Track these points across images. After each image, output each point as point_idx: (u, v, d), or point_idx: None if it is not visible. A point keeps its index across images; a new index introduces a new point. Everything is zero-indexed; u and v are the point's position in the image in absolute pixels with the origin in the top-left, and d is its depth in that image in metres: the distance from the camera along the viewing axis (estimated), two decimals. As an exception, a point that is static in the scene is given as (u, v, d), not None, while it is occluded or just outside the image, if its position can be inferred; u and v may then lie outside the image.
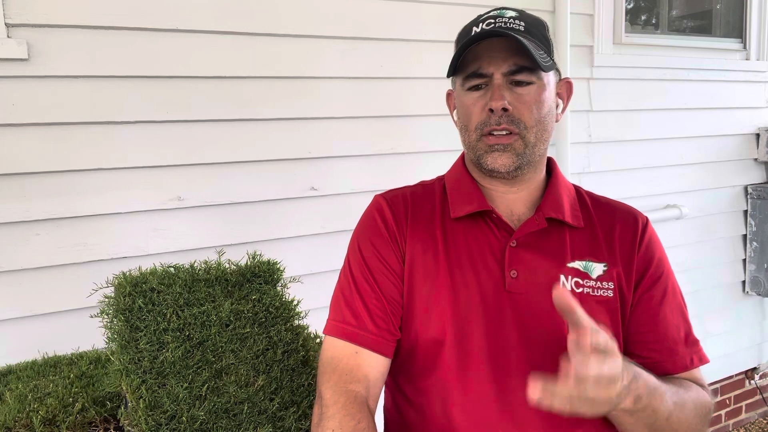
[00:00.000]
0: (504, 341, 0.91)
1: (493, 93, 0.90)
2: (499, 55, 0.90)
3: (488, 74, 0.91)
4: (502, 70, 0.90)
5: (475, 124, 0.93)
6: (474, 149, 0.95)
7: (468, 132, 0.96)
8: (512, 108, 0.90)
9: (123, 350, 0.95)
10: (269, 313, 1.10)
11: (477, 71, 0.92)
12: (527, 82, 0.91)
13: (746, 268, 2.84)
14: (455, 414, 0.90)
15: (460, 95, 0.96)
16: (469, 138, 0.96)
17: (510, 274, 0.92)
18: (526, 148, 0.92)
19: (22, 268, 1.45)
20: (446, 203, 1.00)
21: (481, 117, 0.92)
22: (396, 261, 0.96)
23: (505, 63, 0.90)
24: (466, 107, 0.95)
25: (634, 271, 0.96)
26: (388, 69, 1.89)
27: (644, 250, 0.97)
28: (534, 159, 0.95)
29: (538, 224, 0.95)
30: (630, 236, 0.98)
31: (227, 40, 1.65)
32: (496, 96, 0.90)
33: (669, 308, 0.96)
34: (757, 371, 3.00)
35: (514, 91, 0.91)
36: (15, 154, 1.43)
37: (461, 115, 0.97)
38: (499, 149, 0.92)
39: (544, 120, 0.93)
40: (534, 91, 0.91)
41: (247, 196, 1.70)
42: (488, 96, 0.91)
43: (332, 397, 0.86)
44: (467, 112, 0.95)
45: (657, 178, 2.54)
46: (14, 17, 1.39)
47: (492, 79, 0.91)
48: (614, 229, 0.98)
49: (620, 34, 2.37)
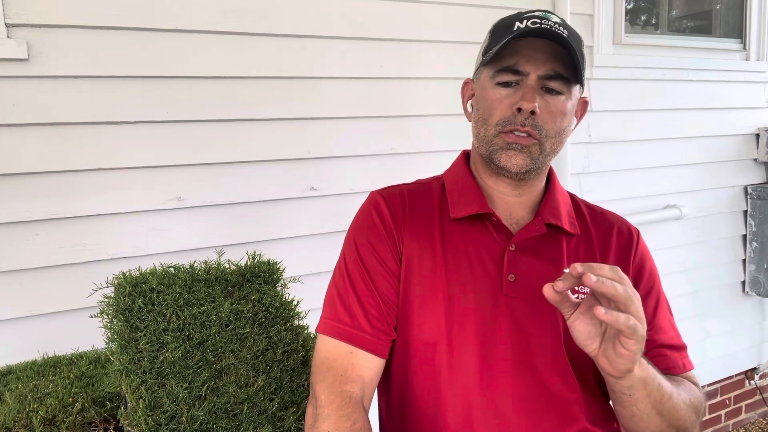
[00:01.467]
0: (496, 345, 0.90)
1: (526, 93, 0.88)
2: (540, 57, 0.88)
3: (524, 72, 0.89)
4: (539, 72, 0.89)
5: (496, 120, 0.91)
6: (489, 143, 0.93)
7: (486, 126, 0.93)
8: (539, 114, 0.89)
9: (123, 350, 0.95)
10: (269, 313, 1.10)
11: (513, 67, 0.89)
12: (558, 91, 0.90)
13: (746, 269, 2.84)
14: (445, 416, 0.91)
15: (486, 87, 0.93)
16: (486, 132, 0.93)
17: (508, 277, 0.92)
18: (541, 155, 0.92)
19: (22, 268, 1.45)
20: (445, 203, 0.99)
21: (506, 114, 0.90)
22: (393, 260, 0.95)
23: (544, 66, 0.88)
24: (490, 101, 0.92)
25: None
26: (388, 69, 1.89)
27: (638, 262, 0.99)
28: (543, 168, 0.95)
29: (537, 229, 0.95)
30: (624, 248, 0.99)
31: (227, 40, 1.65)
32: (528, 97, 0.88)
33: (661, 317, 0.99)
34: (756, 371, 3.00)
35: (544, 97, 0.90)
36: (15, 154, 1.43)
37: (482, 107, 0.94)
38: (516, 148, 0.90)
39: (563, 133, 0.93)
40: (562, 102, 0.90)
41: (247, 196, 1.70)
42: (518, 95, 0.89)
43: (327, 398, 0.86)
44: (490, 106, 0.92)
45: (657, 178, 2.54)
46: (14, 17, 1.39)
47: (526, 79, 0.89)
48: (609, 240, 0.99)
49: (620, 35, 2.37)
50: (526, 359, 0.90)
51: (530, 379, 0.90)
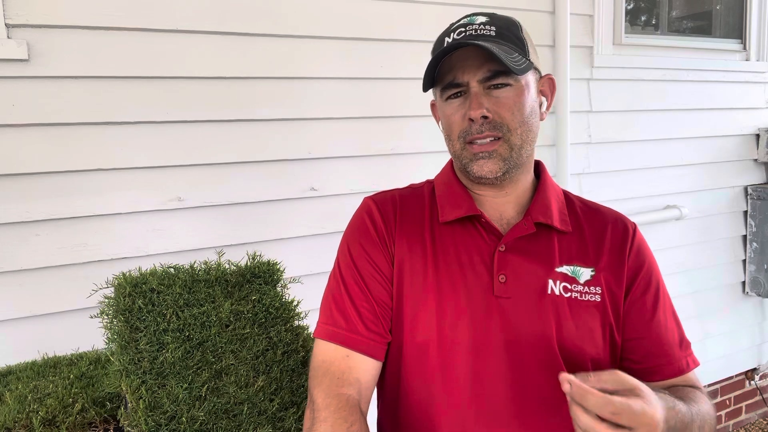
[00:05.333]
0: (488, 346, 0.91)
1: (471, 102, 0.90)
2: (473, 63, 0.90)
3: (464, 83, 0.91)
4: (477, 77, 0.90)
5: (457, 133, 0.93)
6: (459, 158, 0.95)
7: (452, 141, 0.96)
8: (492, 113, 0.90)
9: (123, 351, 0.95)
10: (269, 313, 1.10)
11: (453, 81, 0.92)
12: (504, 84, 0.91)
13: (746, 269, 2.84)
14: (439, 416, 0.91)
15: (441, 106, 0.97)
16: (453, 147, 0.96)
17: (498, 278, 0.92)
18: (512, 152, 0.92)
19: (22, 269, 1.45)
20: (435, 207, 1.00)
21: (463, 125, 0.92)
22: (385, 263, 0.96)
23: (479, 70, 0.90)
24: (447, 117, 0.95)
25: (624, 277, 0.96)
26: (387, 69, 1.89)
27: (634, 256, 0.98)
28: (521, 161, 0.95)
29: (526, 229, 0.95)
30: (620, 242, 0.98)
31: (227, 40, 1.65)
32: (473, 105, 0.90)
33: (662, 312, 0.97)
34: (757, 372, 3.00)
35: (492, 95, 0.91)
36: (15, 155, 1.43)
37: (444, 125, 0.98)
38: (484, 156, 0.92)
39: (528, 121, 0.93)
40: (513, 93, 0.91)
41: (247, 197, 1.71)
42: (467, 105, 0.91)
43: (324, 401, 0.86)
44: (449, 122, 0.95)
45: (657, 178, 2.54)
46: (14, 17, 1.39)
47: (468, 88, 0.91)
48: (604, 235, 0.98)
49: (620, 35, 2.37)
50: (518, 359, 0.90)
51: (523, 378, 0.90)
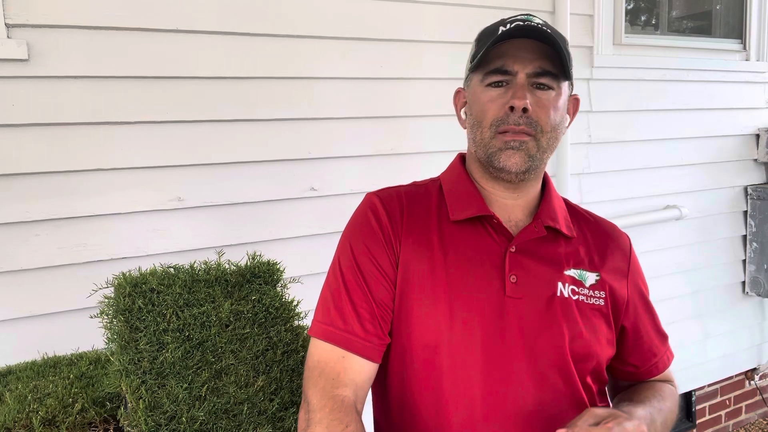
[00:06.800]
0: (504, 346, 0.90)
1: (516, 91, 0.89)
2: (526, 56, 0.90)
3: (513, 72, 0.90)
4: (528, 70, 0.90)
5: (490, 121, 0.92)
6: (486, 146, 0.93)
7: (481, 128, 0.93)
8: (531, 110, 0.89)
9: (123, 351, 0.95)
10: (269, 313, 1.10)
11: (502, 67, 0.91)
12: (548, 86, 0.91)
13: (746, 269, 2.84)
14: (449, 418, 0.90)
15: (477, 91, 0.94)
16: (482, 135, 0.94)
17: (510, 279, 0.92)
18: (538, 152, 0.92)
19: (22, 269, 1.45)
20: (443, 205, 0.99)
21: (499, 114, 0.91)
22: (389, 264, 0.94)
23: (531, 64, 0.90)
24: (482, 103, 0.93)
25: (627, 287, 1.01)
26: (388, 69, 1.89)
27: (633, 268, 1.04)
28: (541, 165, 0.96)
29: (537, 232, 0.95)
30: (620, 254, 1.04)
31: (227, 40, 1.65)
32: (519, 94, 0.89)
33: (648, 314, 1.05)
34: (756, 372, 3.00)
35: (535, 93, 0.90)
36: (15, 155, 1.43)
37: (475, 111, 0.95)
38: (514, 146, 0.90)
39: (558, 128, 0.93)
40: (553, 97, 0.91)
41: (247, 197, 1.70)
42: (509, 94, 0.90)
43: (319, 402, 0.85)
44: (483, 109, 0.93)
45: (657, 178, 2.54)
46: (14, 17, 1.39)
47: (515, 78, 0.90)
48: (605, 243, 1.03)
49: (620, 35, 2.37)
50: (533, 360, 0.90)
51: (535, 379, 0.90)
